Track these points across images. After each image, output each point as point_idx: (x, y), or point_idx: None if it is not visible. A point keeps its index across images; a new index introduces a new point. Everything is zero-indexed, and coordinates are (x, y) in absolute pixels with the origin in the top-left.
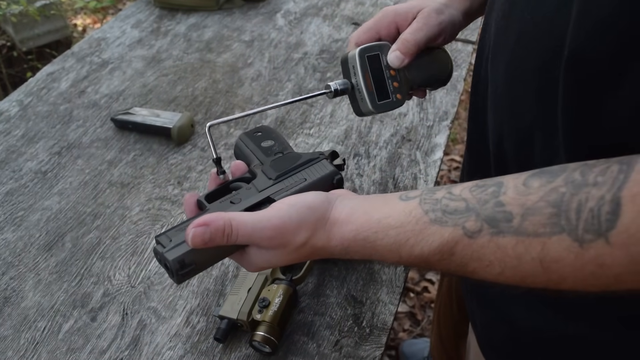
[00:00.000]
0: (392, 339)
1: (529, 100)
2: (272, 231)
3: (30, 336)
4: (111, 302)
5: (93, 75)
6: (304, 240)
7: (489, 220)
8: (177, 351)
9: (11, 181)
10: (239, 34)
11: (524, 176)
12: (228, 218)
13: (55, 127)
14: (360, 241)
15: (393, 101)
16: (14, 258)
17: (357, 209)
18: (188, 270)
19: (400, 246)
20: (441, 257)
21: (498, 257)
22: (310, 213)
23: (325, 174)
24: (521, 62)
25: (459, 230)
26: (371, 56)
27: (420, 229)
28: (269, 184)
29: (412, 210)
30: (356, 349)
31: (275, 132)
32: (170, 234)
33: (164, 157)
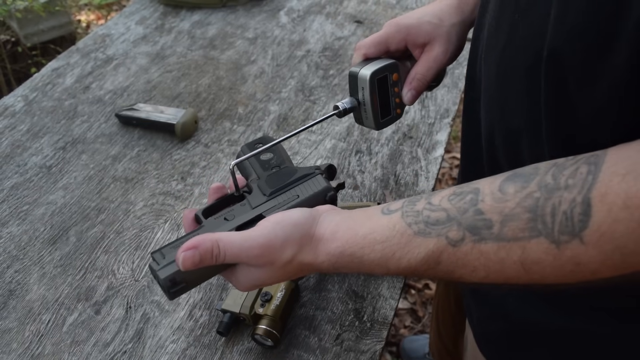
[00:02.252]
0: (394, 335)
1: (518, 100)
2: (258, 249)
3: (34, 328)
4: (115, 295)
5: (98, 71)
6: (290, 257)
7: (470, 229)
8: (180, 344)
9: (16, 175)
10: (243, 31)
11: (498, 181)
12: (215, 239)
13: (60, 122)
14: (347, 257)
15: (393, 117)
16: (19, 251)
17: (341, 225)
18: (179, 288)
19: (387, 260)
20: (428, 267)
21: (482, 262)
22: (295, 230)
23: (318, 190)
24: (510, 62)
25: (443, 240)
26: (380, 78)
27: (406, 241)
28: (262, 201)
29: (395, 224)
30: (357, 343)
31: (276, 146)
32: (164, 250)
33: (167, 153)
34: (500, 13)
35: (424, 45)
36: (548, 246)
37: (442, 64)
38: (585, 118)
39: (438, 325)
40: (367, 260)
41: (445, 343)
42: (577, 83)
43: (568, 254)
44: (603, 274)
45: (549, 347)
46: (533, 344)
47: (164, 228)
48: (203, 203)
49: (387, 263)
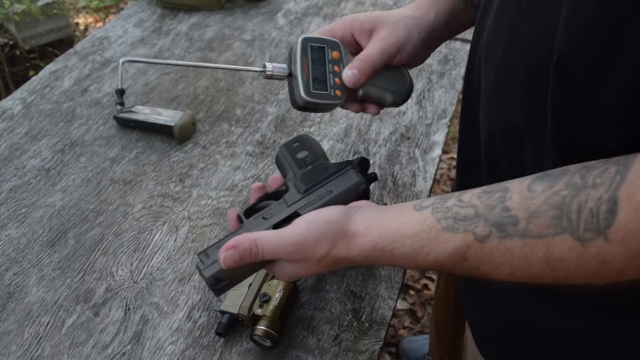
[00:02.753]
0: (393, 336)
1: (519, 102)
2: (293, 246)
3: (34, 331)
4: (114, 297)
5: (96, 73)
6: (324, 252)
7: (496, 225)
8: (179, 345)
9: (14, 178)
10: (240, 33)
11: (528, 181)
12: (253, 238)
13: (58, 124)
14: (379, 250)
15: (330, 95)
16: (17, 254)
17: (374, 221)
18: (222, 285)
19: (416, 254)
20: (455, 262)
21: (507, 259)
22: (328, 227)
23: (350, 185)
24: (511, 64)
25: (470, 236)
26: (315, 47)
27: (434, 236)
28: (297, 198)
29: (425, 219)
30: (355, 343)
31: (311, 142)
32: (209, 251)
33: (165, 155)
34: (501, 15)
35: (371, 32)
36: (572, 243)
37: (388, 46)
38: (591, 120)
39: (437, 327)
40: (397, 254)
41: (445, 344)
42: (585, 85)
43: (592, 251)
44: (628, 274)
45: (547, 346)
46: (531, 343)
47: (163, 230)
48: (201, 205)
49: (416, 257)
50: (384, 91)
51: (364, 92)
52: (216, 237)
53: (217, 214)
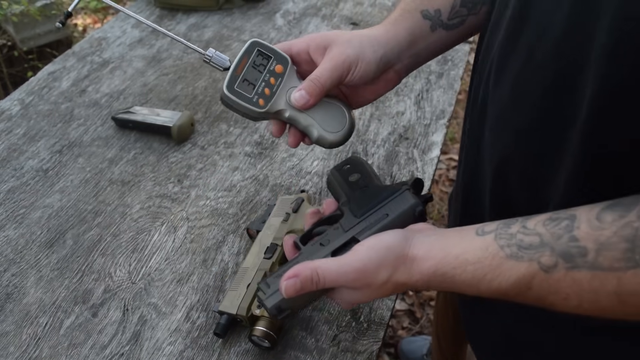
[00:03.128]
0: (391, 337)
1: (536, 124)
2: (354, 274)
3: (32, 332)
4: (112, 298)
5: (94, 74)
6: (385, 278)
7: (563, 255)
8: (178, 346)
9: (13, 179)
10: (239, 34)
11: (597, 209)
12: (314, 267)
13: (56, 125)
14: (440, 276)
15: (251, 99)
16: (15, 255)
17: (434, 245)
18: (285, 314)
19: (478, 281)
20: (519, 291)
21: (575, 290)
22: (388, 253)
23: (406, 207)
24: (527, 85)
25: (535, 265)
26: (262, 52)
27: (497, 264)
28: (353, 223)
29: (488, 246)
30: (354, 343)
31: (363, 164)
32: (269, 280)
33: (164, 156)
34: (516, 34)
35: (324, 50)
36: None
37: (338, 67)
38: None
39: (439, 339)
40: (458, 280)
41: (445, 353)
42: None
43: None
44: None
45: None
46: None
47: (161, 230)
48: (200, 205)
49: (478, 284)
50: (311, 124)
51: (290, 115)
52: (214, 237)
53: (216, 215)
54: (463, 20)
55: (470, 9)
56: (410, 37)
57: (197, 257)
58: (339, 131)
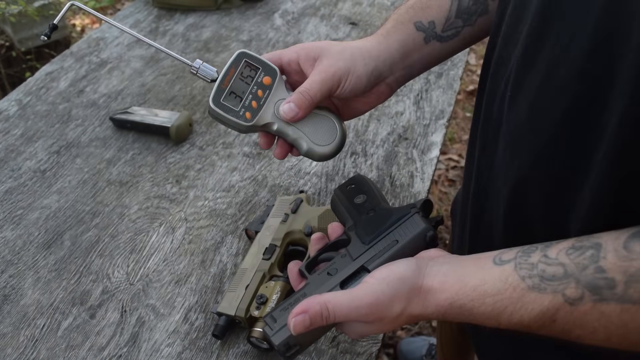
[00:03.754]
0: (390, 337)
1: (559, 144)
2: (367, 309)
3: (29, 333)
4: (110, 299)
5: (92, 74)
6: (399, 311)
7: (590, 287)
8: (176, 348)
9: (10, 180)
10: (237, 34)
11: (624, 237)
12: (324, 302)
13: (54, 126)
14: (457, 308)
15: (237, 112)
16: (13, 256)
17: (450, 276)
18: (294, 351)
19: (498, 314)
20: (542, 324)
21: (602, 324)
22: (401, 285)
23: (417, 233)
24: (550, 103)
25: (559, 298)
26: (250, 64)
27: (518, 296)
28: (362, 250)
29: (508, 277)
30: (353, 345)
31: (368, 183)
32: (275, 314)
33: (162, 156)
34: (536, 49)
35: (314, 61)
36: None
37: (328, 80)
38: None
39: (443, 350)
40: (477, 312)
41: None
42: None
43: None
44: None
45: None
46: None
47: (159, 231)
48: (198, 206)
49: (498, 317)
50: (300, 137)
51: (278, 127)
52: (213, 238)
53: (214, 215)
54: (458, 32)
55: (466, 20)
56: (403, 50)
57: (196, 258)
58: (329, 144)
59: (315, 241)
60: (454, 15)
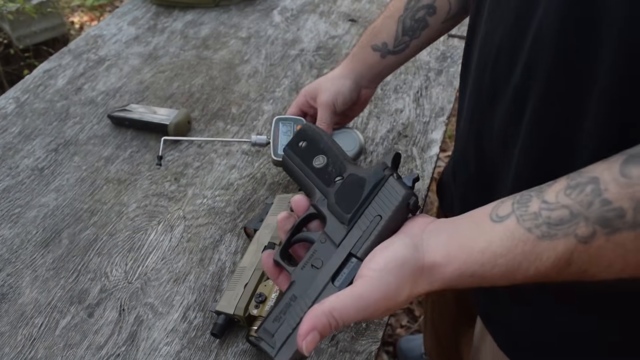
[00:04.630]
0: (390, 335)
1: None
2: (374, 305)
3: (27, 332)
4: (108, 298)
5: (90, 72)
6: (406, 297)
7: (600, 222)
8: (174, 346)
9: (8, 178)
10: (236, 31)
11: (616, 165)
12: (328, 311)
13: (52, 124)
14: (468, 277)
15: None
16: (10, 255)
17: (451, 246)
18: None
19: (513, 272)
20: (559, 270)
21: (618, 254)
22: (404, 270)
23: (399, 202)
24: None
25: (572, 240)
26: (285, 123)
27: (530, 249)
28: (343, 233)
29: (513, 232)
30: (352, 343)
31: (323, 139)
32: (269, 326)
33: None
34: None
35: (315, 98)
36: None
37: (324, 105)
38: None
39: (435, 329)
40: (489, 276)
41: (446, 346)
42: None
43: None
44: None
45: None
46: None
47: (157, 230)
48: (197, 204)
49: (514, 275)
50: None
51: None
52: (212, 236)
53: (213, 214)
54: (407, 45)
55: (411, 36)
56: (366, 67)
57: (194, 257)
58: (351, 150)
59: (282, 222)
60: (401, 34)
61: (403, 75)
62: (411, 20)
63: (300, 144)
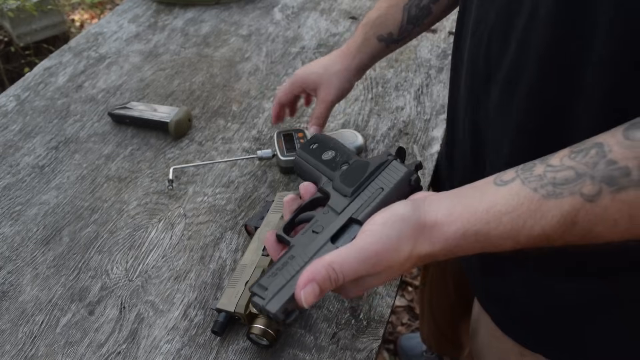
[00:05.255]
0: (391, 333)
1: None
2: (375, 258)
3: (28, 330)
4: (109, 295)
5: (90, 69)
6: (407, 254)
7: (606, 180)
8: (175, 344)
9: (8, 176)
10: (237, 28)
11: (620, 131)
12: (328, 264)
13: (52, 121)
14: (472, 236)
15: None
16: (11, 252)
17: (455, 206)
18: (293, 317)
19: (518, 231)
20: (564, 230)
21: (624, 213)
22: (405, 225)
23: (401, 177)
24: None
25: (578, 198)
26: (286, 135)
27: (536, 207)
28: (346, 203)
29: (519, 192)
30: (353, 341)
31: (333, 140)
32: (264, 282)
33: (161, 152)
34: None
35: (316, 89)
36: None
37: (329, 102)
38: None
39: (433, 314)
40: (494, 235)
41: (444, 331)
42: None
43: None
44: None
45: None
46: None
47: (158, 227)
48: (197, 202)
49: (518, 235)
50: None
51: None
52: (212, 234)
53: (213, 211)
54: (409, 34)
55: (415, 24)
56: (371, 58)
57: (195, 254)
58: (351, 144)
59: (289, 203)
60: (406, 23)
61: (404, 73)
62: (416, 8)
63: (311, 147)
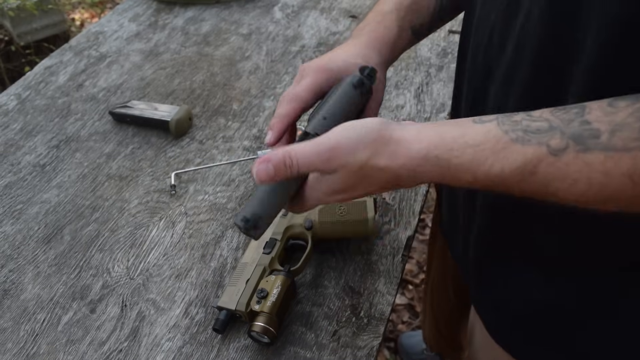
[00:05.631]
0: (391, 331)
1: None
2: (330, 152)
3: (29, 328)
4: (110, 294)
5: (91, 68)
6: (363, 160)
7: (575, 138)
8: (176, 342)
9: (10, 174)
10: (237, 27)
11: (606, 100)
12: (287, 150)
13: (53, 120)
14: (432, 159)
15: None
16: (13, 251)
17: (426, 130)
18: (260, 230)
19: (478, 165)
20: (522, 178)
21: (584, 174)
22: (367, 132)
23: (345, 82)
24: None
25: (543, 149)
26: None
27: (501, 148)
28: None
29: (490, 130)
30: (354, 339)
31: None
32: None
33: (162, 150)
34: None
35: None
36: None
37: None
38: None
39: (435, 318)
40: (454, 164)
41: (445, 334)
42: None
43: None
44: None
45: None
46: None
47: (159, 226)
48: (198, 200)
49: (477, 169)
50: None
51: None
52: (213, 232)
53: (214, 210)
54: (432, 27)
55: (442, 18)
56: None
57: (196, 253)
58: None
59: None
60: (437, 18)
61: (404, 72)
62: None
63: None
